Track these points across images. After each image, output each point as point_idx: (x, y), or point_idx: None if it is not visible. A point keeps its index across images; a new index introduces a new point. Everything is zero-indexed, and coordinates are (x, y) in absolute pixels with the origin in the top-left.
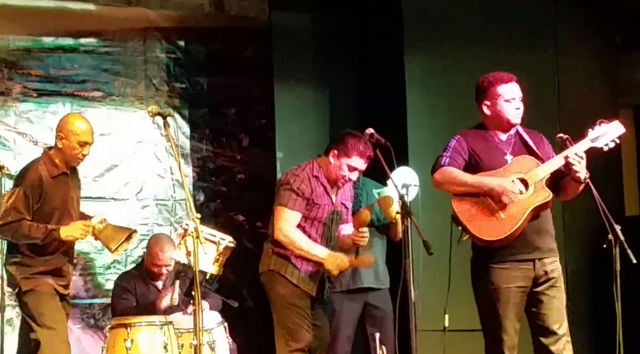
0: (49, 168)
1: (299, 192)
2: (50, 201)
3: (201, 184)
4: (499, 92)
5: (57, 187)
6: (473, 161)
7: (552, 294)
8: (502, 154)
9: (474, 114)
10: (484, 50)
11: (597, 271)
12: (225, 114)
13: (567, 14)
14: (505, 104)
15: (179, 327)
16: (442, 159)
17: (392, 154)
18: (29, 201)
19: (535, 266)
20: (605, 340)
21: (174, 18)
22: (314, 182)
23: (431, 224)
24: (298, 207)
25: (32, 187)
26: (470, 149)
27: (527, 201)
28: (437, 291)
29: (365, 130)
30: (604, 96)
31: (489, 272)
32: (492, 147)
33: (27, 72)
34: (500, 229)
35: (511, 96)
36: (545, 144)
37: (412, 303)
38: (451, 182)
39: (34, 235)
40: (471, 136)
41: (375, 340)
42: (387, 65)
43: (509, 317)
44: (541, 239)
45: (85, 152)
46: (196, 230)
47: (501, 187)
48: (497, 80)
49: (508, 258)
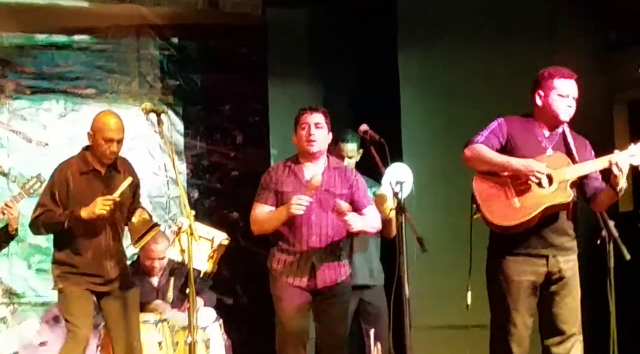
0: (79, 165)
1: (264, 185)
2: (81, 197)
3: (195, 181)
4: (555, 85)
5: (87, 184)
6: (509, 147)
7: (564, 293)
8: (543, 148)
9: (468, 110)
10: (478, 48)
11: (591, 268)
12: (220, 111)
13: (562, 12)
14: (558, 98)
15: (174, 324)
16: (477, 137)
17: (387, 150)
18: (55, 196)
19: (549, 262)
20: (599, 337)
21: (167, 15)
22: (282, 172)
23: (425, 220)
24: (264, 199)
25: (58, 184)
26: (509, 135)
27: (545, 197)
28: (431, 287)
29: (360, 126)
30: (599, 92)
31: (502, 262)
32: (533, 138)
33: (21, 70)
34: (511, 216)
35: (566, 92)
36: (588, 152)
37: (406, 300)
38: (479, 159)
39: (58, 220)
40: (516, 122)
41: (369, 337)
42: (381, 62)
43: (518, 309)
44: (557, 237)
45: (114, 148)
46: (190, 227)
47: (527, 166)
48: (557, 73)
49: (522, 251)
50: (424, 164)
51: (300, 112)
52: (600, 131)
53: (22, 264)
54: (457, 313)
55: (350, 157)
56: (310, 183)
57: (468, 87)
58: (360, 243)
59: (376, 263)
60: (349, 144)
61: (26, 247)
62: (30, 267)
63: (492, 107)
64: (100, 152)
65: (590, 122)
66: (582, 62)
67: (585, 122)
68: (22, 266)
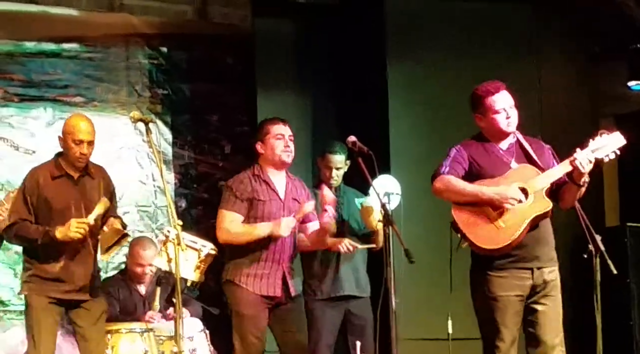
0: (51, 170)
1: (237, 194)
2: (53, 202)
3: (183, 191)
4: (488, 104)
5: (59, 189)
6: (474, 170)
7: (548, 304)
8: (505, 163)
9: (456, 122)
10: (466, 60)
11: (578, 282)
12: (208, 120)
13: (548, 25)
14: (496, 116)
15: (160, 334)
16: (442, 168)
17: (374, 162)
18: (28, 202)
19: (534, 275)
20: (586, 350)
21: (156, 24)
22: (255, 182)
23: (412, 232)
24: (237, 208)
25: (30, 189)
26: (470, 158)
27: (527, 211)
28: (418, 299)
29: (348, 138)
30: (585, 105)
31: (487, 280)
32: (493, 156)
33: (9, 77)
34: (499, 238)
35: (501, 107)
36: (546, 153)
37: (393, 312)
38: (451, 190)
39: (32, 236)
40: (472, 146)
41: (356, 348)
42: (369, 73)
43: (506, 325)
44: (540, 248)
45: (84, 150)
46: (177, 237)
47: (501, 194)
48: (485, 92)
49: (506, 267)
50: (412, 176)
51: (274, 122)
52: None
53: (9, 272)
54: (443, 325)
55: (338, 168)
56: (303, 206)
57: (456, 100)
58: (346, 254)
59: (363, 274)
60: (337, 156)
61: (12, 255)
62: (16, 275)
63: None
64: (71, 155)
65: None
66: (568, 76)
67: (571, 135)
68: (9, 274)
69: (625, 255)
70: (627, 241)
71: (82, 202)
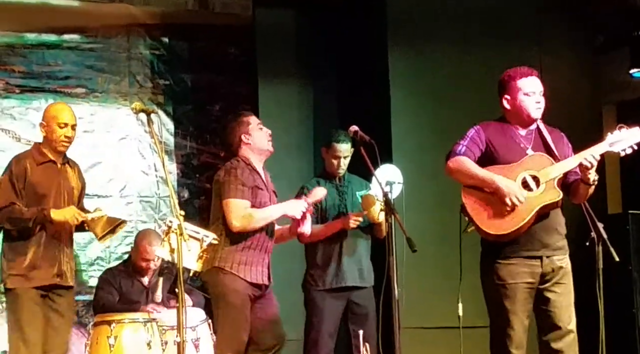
0: (35, 156)
1: (244, 182)
2: (39, 187)
3: (185, 181)
4: (518, 85)
5: (45, 174)
6: (489, 153)
7: (559, 291)
8: (522, 148)
9: (457, 112)
10: (468, 49)
11: (580, 269)
12: (209, 111)
13: (551, 15)
14: (525, 98)
15: (163, 324)
16: (458, 147)
17: (376, 151)
18: (15, 186)
19: (543, 263)
20: (589, 338)
21: (157, 15)
22: (250, 170)
23: (415, 221)
24: (247, 196)
25: (17, 174)
26: (488, 141)
27: (536, 199)
28: (420, 288)
29: (350, 127)
30: (588, 94)
31: (497, 268)
32: (511, 141)
33: (10, 68)
34: (506, 224)
35: (531, 90)
36: (565, 143)
37: (395, 301)
38: (463, 172)
39: (25, 216)
40: (491, 127)
41: (358, 338)
42: (371, 63)
43: (516, 313)
44: (549, 236)
45: (68, 133)
46: (180, 227)
47: (508, 189)
48: (517, 74)
49: (515, 254)
50: (414, 165)
51: (250, 114)
52: (589, 132)
53: None
54: (446, 313)
55: (345, 157)
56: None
57: (458, 89)
58: (349, 244)
59: (366, 264)
60: (343, 145)
61: None
62: None
63: (481, 109)
64: (56, 139)
65: (580, 123)
66: (570, 65)
67: (574, 123)
68: None
69: (628, 242)
70: (629, 228)
71: (64, 187)
